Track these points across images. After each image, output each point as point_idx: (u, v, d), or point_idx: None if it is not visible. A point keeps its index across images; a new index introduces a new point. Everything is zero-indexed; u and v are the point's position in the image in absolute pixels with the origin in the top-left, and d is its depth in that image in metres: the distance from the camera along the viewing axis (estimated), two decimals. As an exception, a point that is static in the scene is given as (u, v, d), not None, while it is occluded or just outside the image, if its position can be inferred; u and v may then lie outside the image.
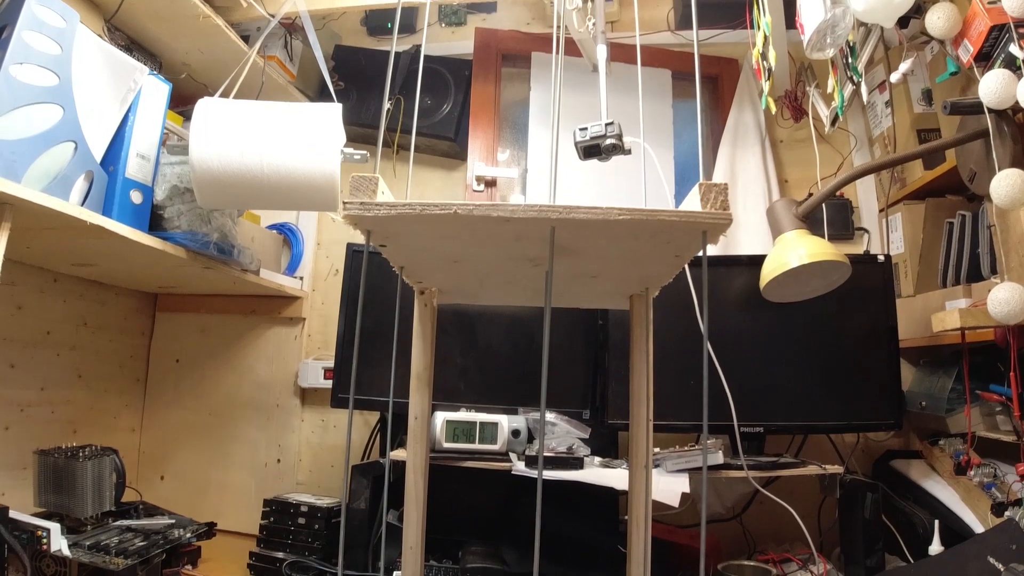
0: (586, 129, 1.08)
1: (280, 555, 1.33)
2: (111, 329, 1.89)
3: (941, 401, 1.54)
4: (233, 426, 1.91)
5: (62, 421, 1.71)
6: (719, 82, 2.04)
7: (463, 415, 1.27)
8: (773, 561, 1.39)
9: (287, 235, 1.94)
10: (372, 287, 1.45)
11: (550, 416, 1.28)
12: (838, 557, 1.44)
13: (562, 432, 1.27)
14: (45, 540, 1.21)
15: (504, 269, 0.81)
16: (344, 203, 0.59)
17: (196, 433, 1.94)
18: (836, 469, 1.38)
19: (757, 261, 1.33)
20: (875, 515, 1.38)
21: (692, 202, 0.61)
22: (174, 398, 1.98)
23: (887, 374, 1.48)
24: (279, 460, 1.86)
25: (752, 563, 1.36)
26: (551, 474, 1.19)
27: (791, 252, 1.24)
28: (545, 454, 1.24)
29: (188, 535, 1.41)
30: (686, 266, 1.40)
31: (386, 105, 1.34)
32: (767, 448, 1.47)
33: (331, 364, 1.69)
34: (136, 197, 1.37)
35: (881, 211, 1.91)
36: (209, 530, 1.51)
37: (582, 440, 1.29)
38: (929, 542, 1.29)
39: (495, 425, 1.26)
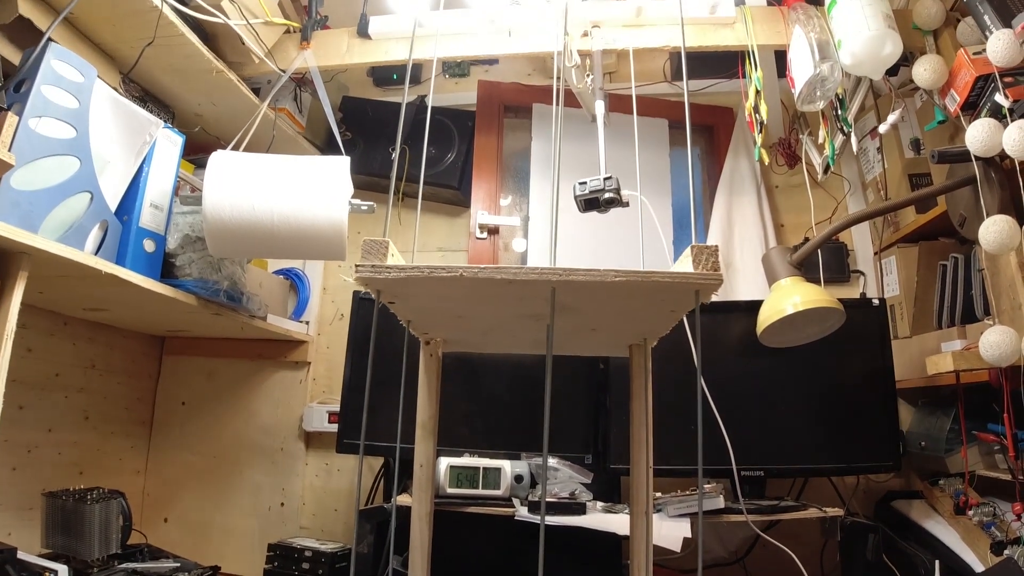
0: (585, 183, 1.12)
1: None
2: (119, 372, 1.91)
3: (940, 441, 1.56)
4: (238, 469, 1.92)
5: (68, 463, 1.73)
6: (715, 130, 2.09)
7: (466, 460, 1.29)
8: (776, 606, 1.40)
9: (294, 280, 1.98)
10: (377, 333, 1.48)
11: (552, 461, 1.30)
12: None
13: (564, 477, 1.29)
14: (52, 583, 1.23)
15: (507, 323, 0.85)
16: (356, 266, 0.62)
17: (200, 476, 1.95)
18: (836, 511, 1.40)
19: (754, 307, 1.36)
20: (877, 556, 1.39)
21: (685, 264, 0.64)
22: (179, 441, 1.99)
23: (885, 416, 1.50)
24: (283, 504, 1.87)
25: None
26: (554, 519, 1.21)
27: (786, 299, 1.28)
28: (548, 500, 1.26)
29: (193, 579, 1.42)
30: (685, 321, 1.45)
31: (396, 158, 1.38)
32: (768, 491, 1.49)
33: (336, 408, 1.71)
34: (149, 246, 1.41)
35: (876, 254, 1.95)
36: (213, 574, 1.52)
37: (584, 485, 1.31)
38: None
39: (498, 470, 1.28)
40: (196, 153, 1.69)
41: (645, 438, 0.93)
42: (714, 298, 1.68)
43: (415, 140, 1.89)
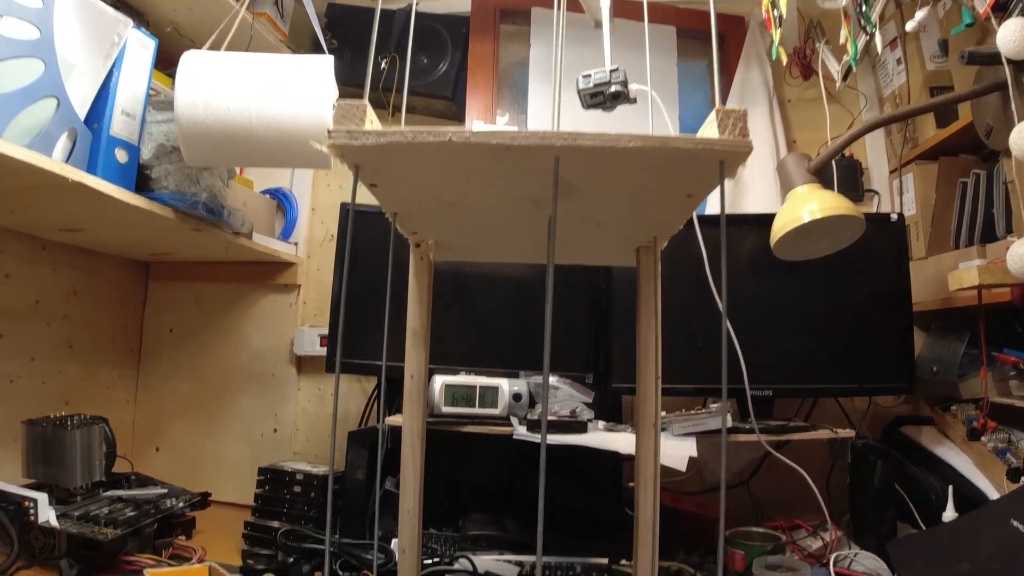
0: (589, 76, 1.02)
1: (275, 524, 1.30)
2: (103, 299, 1.85)
3: (953, 366, 1.50)
4: (228, 396, 1.88)
5: (53, 393, 1.67)
6: (725, 41, 1.97)
7: (462, 379, 1.23)
8: (782, 528, 1.36)
9: (281, 200, 1.89)
10: (366, 247, 1.40)
11: (552, 380, 1.24)
12: (847, 524, 1.40)
13: (565, 396, 1.23)
14: (32, 511, 1.18)
15: (504, 215, 0.77)
16: (329, 132, 0.54)
17: (191, 404, 1.91)
18: (847, 433, 1.35)
19: (765, 220, 1.28)
20: (887, 481, 1.34)
21: (709, 130, 0.56)
22: (168, 369, 1.95)
23: (900, 336, 1.44)
24: (275, 430, 1.82)
25: (760, 530, 1.32)
26: (554, 438, 1.16)
27: (803, 207, 1.19)
28: (548, 419, 1.20)
29: (181, 505, 1.37)
30: (696, 224, 1.36)
31: (374, 43, 1.27)
32: (775, 414, 1.43)
33: (327, 331, 1.65)
34: (121, 156, 1.32)
35: (892, 172, 1.86)
36: (203, 500, 1.48)
37: (586, 404, 1.25)
38: (942, 509, 1.26)
39: (496, 389, 1.22)
40: (171, 66, 1.57)
41: (654, 346, 0.86)
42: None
43: (406, 49, 1.77)
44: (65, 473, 1.32)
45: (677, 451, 1.14)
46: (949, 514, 1.25)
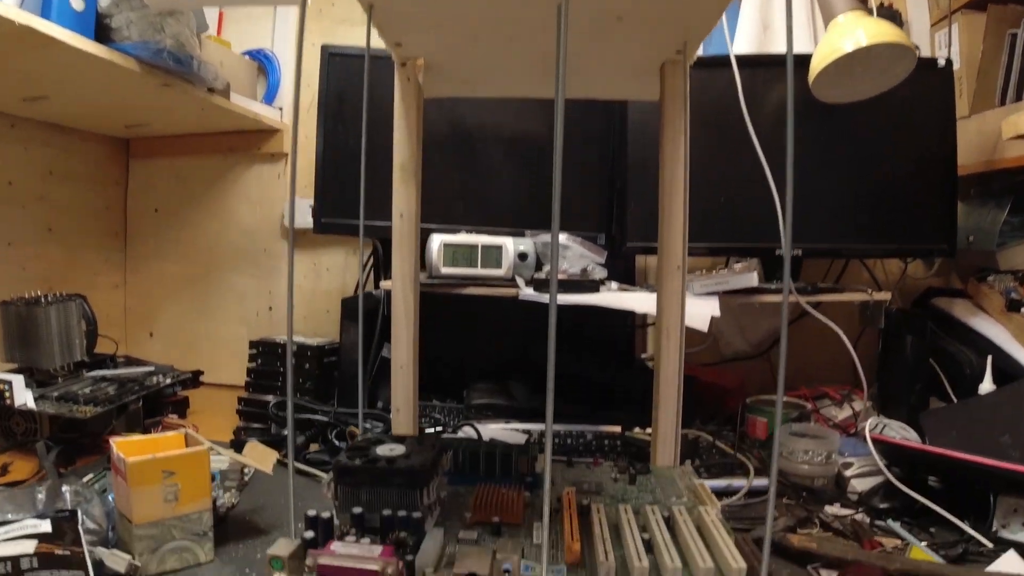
0: None
1: (270, 398, 1.23)
2: (81, 179, 1.74)
3: (991, 235, 1.38)
4: (220, 275, 1.79)
5: (35, 278, 1.59)
6: None
7: (463, 237, 1.12)
8: (806, 397, 1.28)
9: (262, 62, 1.73)
10: (351, 96, 1.27)
11: (562, 238, 1.13)
12: (875, 397, 1.33)
13: (575, 255, 1.13)
14: (8, 394, 1.10)
15: (502, 24, 0.63)
16: None
17: (182, 286, 1.83)
18: (883, 296, 1.24)
19: (801, 61, 1.13)
20: (921, 350, 1.26)
21: None
22: (155, 250, 1.86)
23: (941, 195, 1.31)
24: (270, 308, 1.74)
25: (784, 398, 1.24)
26: (564, 298, 1.06)
27: (847, 36, 1.04)
28: (558, 278, 1.10)
29: (168, 382, 1.30)
30: (730, 44, 1.22)
31: None
32: (800, 278, 1.33)
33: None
34: (77, 3, 1.17)
35: (934, 24, 1.67)
36: (195, 379, 1.41)
37: (598, 265, 1.15)
38: (977, 382, 1.17)
39: (499, 248, 1.11)
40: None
41: (682, 176, 0.75)
42: (751, 53, 1.43)
43: None
44: (43, 353, 1.24)
45: (699, 310, 1.04)
46: (987, 386, 1.16)
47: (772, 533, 0.69)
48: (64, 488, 0.85)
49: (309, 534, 0.47)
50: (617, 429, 1.09)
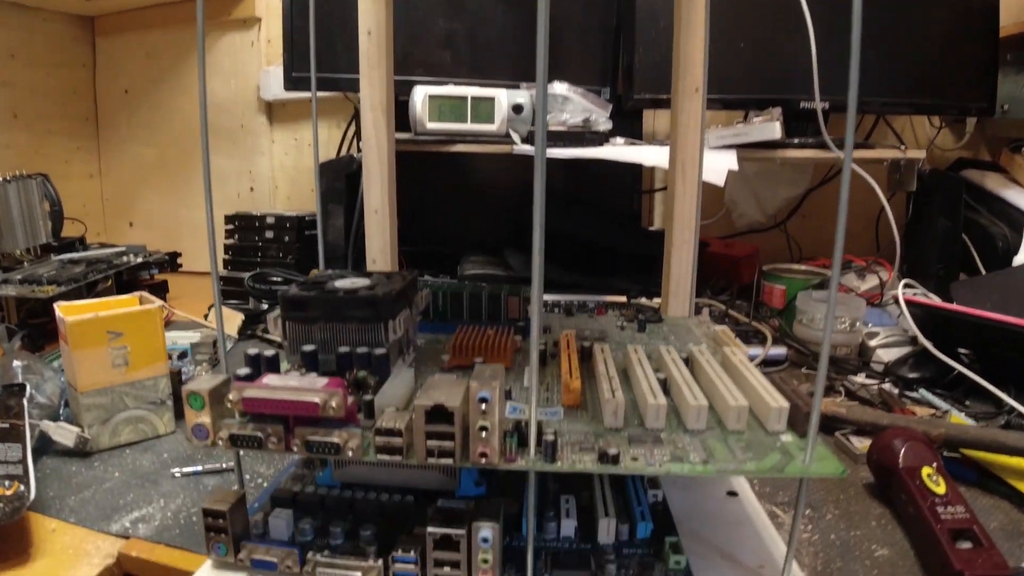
0: None
1: (248, 274, 1.13)
2: (45, 62, 1.61)
3: (1028, 102, 1.26)
4: (197, 158, 1.67)
5: (2, 167, 1.48)
6: None
7: (451, 89, 1.00)
8: (826, 267, 1.18)
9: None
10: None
11: (562, 89, 1.00)
12: (901, 269, 1.23)
13: (577, 108, 1.00)
14: (-33, 281, 1.02)
15: None
16: None
17: (159, 170, 1.72)
18: (917, 153, 1.13)
19: None
20: (955, 216, 1.15)
21: None
22: (129, 135, 1.74)
23: (982, 49, 1.17)
24: (252, 188, 1.63)
25: (802, 267, 1.15)
26: (564, 152, 0.95)
27: None
28: (555, 128, 0.98)
29: (139, 260, 1.21)
30: None
31: None
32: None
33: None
34: None
35: None
36: (172, 261, 1.32)
37: (603, 119, 1.03)
38: (1010, 257, 1.08)
39: (491, 100, 0.99)
40: None
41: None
42: None
43: None
44: (5, 236, 1.16)
45: (715, 164, 0.93)
46: (1021, 258, 1.07)
47: (792, 391, 0.61)
48: (15, 363, 0.78)
49: (244, 371, 0.39)
50: (622, 299, 1.00)
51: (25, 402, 0.69)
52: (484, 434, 0.33)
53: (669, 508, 0.43)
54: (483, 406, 0.32)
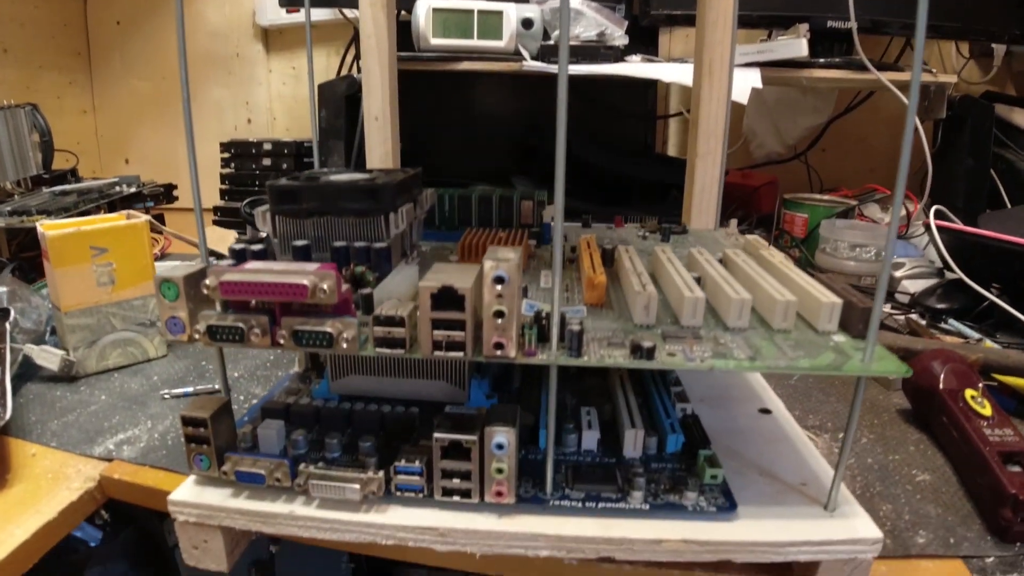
0: None
1: (245, 201, 1.09)
2: (33, -7, 1.53)
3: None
4: (192, 89, 1.59)
5: (-9, 103, 1.44)
6: None
7: (456, 2, 0.93)
8: (848, 197, 1.13)
9: None
10: None
11: (576, 3, 0.93)
12: (926, 204, 1.17)
13: (590, 22, 0.94)
14: (-44, 216, 0.97)
15: None
16: None
17: (154, 104, 1.66)
18: (948, 78, 1.06)
19: None
20: (984, 145, 1.09)
21: None
22: (122, 68, 1.67)
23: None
24: (250, 120, 1.57)
25: (825, 196, 1.09)
26: (577, 68, 0.88)
27: None
28: (569, 44, 0.92)
29: (133, 190, 1.16)
30: None
31: None
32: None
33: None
34: None
35: None
36: (167, 192, 1.27)
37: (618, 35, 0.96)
38: None
39: (499, 15, 0.92)
40: None
41: None
42: None
43: None
44: None
45: (738, 81, 0.87)
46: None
47: (843, 288, 0.56)
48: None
49: (227, 263, 0.34)
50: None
51: (8, 326, 0.65)
52: (500, 321, 0.28)
53: (700, 422, 0.39)
54: (499, 287, 0.28)
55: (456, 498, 0.33)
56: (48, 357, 0.62)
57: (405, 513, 0.34)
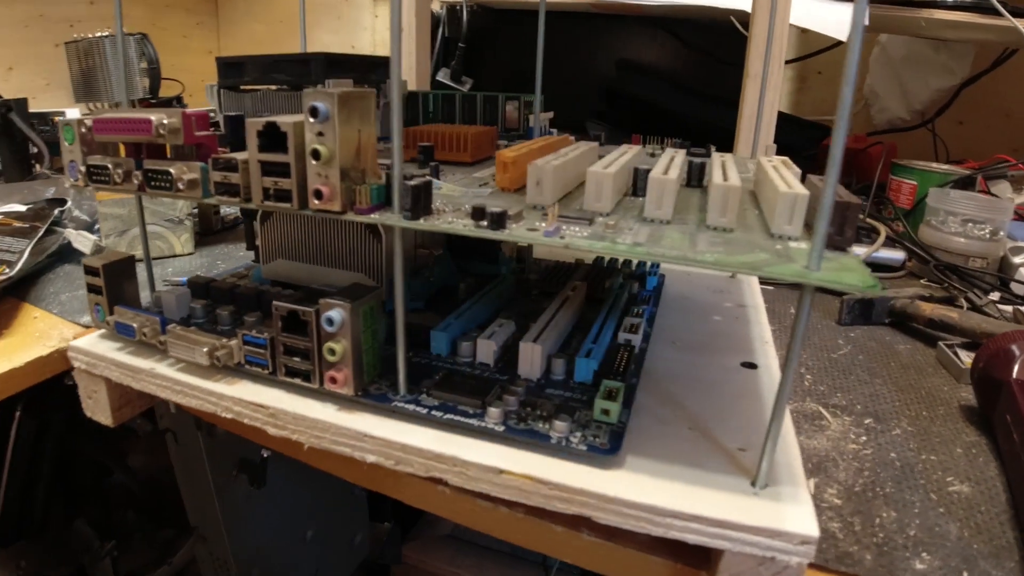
0: None
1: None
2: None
3: None
4: (308, 31, 1.65)
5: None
6: None
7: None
8: (972, 168, 0.98)
9: None
10: None
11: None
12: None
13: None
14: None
15: None
16: None
17: (268, 47, 1.72)
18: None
19: None
20: None
21: None
22: (246, 10, 1.74)
23: None
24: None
25: (943, 165, 0.95)
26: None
27: None
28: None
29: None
30: None
31: None
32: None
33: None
34: None
35: None
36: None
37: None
38: None
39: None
40: None
41: None
42: None
43: None
44: (102, 90, 1.23)
45: (835, 13, 0.77)
46: None
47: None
48: (68, 183, 0.79)
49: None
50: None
51: (58, 211, 0.69)
52: (316, 163, 0.25)
53: (639, 357, 0.33)
54: (313, 120, 0.24)
55: (298, 380, 0.31)
56: (83, 241, 0.65)
57: (249, 388, 0.32)
